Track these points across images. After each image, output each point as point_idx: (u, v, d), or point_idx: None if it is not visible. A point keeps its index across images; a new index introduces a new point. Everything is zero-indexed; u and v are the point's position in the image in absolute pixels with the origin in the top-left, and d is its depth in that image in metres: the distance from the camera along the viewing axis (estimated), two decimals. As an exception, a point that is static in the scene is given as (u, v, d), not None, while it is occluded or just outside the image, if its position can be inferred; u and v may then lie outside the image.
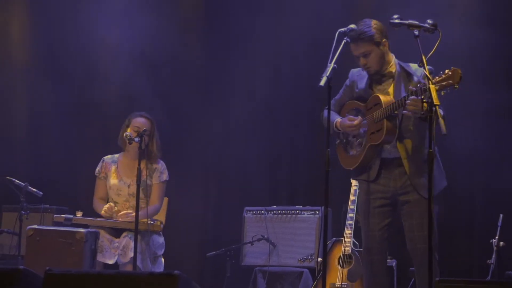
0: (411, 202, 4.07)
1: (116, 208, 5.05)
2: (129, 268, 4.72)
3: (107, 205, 5.00)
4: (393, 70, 4.15)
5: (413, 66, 4.06)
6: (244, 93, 6.61)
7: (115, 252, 4.81)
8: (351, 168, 4.36)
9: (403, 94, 3.96)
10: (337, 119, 4.29)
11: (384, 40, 4.10)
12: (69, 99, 6.84)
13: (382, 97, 4.05)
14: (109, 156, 5.26)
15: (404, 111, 3.91)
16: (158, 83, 6.75)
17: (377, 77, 4.18)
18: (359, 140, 4.20)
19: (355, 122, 4.17)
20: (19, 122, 6.98)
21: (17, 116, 6.97)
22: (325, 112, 4.35)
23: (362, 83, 4.23)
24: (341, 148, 4.33)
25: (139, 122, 5.08)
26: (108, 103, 6.76)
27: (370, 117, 4.12)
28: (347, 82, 4.34)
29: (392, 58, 4.18)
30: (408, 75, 4.07)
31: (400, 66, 4.13)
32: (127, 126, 5.10)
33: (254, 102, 6.60)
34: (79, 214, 4.98)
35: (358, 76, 4.27)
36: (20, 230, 5.46)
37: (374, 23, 4.11)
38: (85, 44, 6.79)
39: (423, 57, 3.69)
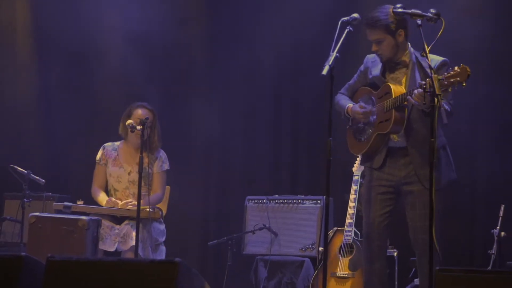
0: (414, 193, 4.08)
1: (114, 199, 5.04)
2: (130, 256, 4.73)
3: (112, 201, 5.00)
4: (407, 60, 4.12)
5: (430, 57, 4.00)
6: (246, 82, 6.60)
7: (115, 240, 4.83)
8: (358, 154, 4.38)
9: (417, 84, 3.94)
10: (348, 104, 4.29)
11: (400, 30, 4.06)
12: (70, 87, 6.84)
13: (393, 87, 4.05)
14: (109, 143, 5.26)
15: (410, 98, 3.90)
16: (159, 71, 6.75)
17: (391, 65, 4.17)
18: (368, 127, 4.21)
19: (362, 110, 4.17)
20: (21, 111, 6.97)
21: (19, 104, 6.97)
22: (337, 97, 4.36)
23: (376, 70, 4.22)
24: (351, 133, 4.34)
25: (141, 113, 5.07)
26: (108, 90, 6.75)
27: (380, 106, 4.12)
28: (361, 67, 4.34)
29: (408, 47, 4.15)
30: (422, 66, 4.05)
31: (416, 57, 4.10)
32: (128, 116, 5.10)
33: (255, 91, 6.59)
34: (80, 203, 4.98)
35: (373, 62, 4.25)
36: (23, 217, 5.48)
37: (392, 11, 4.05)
38: (83, 30, 6.77)
39: (426, 47, 3.69)
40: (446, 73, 3.67)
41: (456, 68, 3.67)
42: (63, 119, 6.85)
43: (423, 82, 3.78)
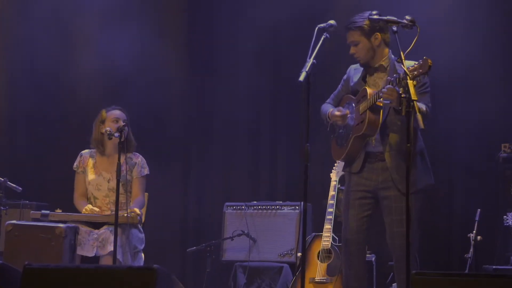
0: (391, 198, 4.11)
1: (95, 208, 5.00)
2: (108, 261, 4.70)
3: (89, 208, 4.96)
4: (386, 65, 4.19)
5: (406, 63, 4.04)
6: (226, 88, 6.61)
7: (93, 244, 4.78)
8: (339, 160, 4.43)
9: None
10: (329, 109, 4.36)
11: (376, 33, 4.13)
12: (48, 94, 6.79)
13: (368, 90, 4.11)
14: (86, 150, 5.23)
15: (379, 99, 3.96)
16: (137, 77, 6.73)
17: (370, 71, 4.24)
18: (348, 132, 4.25)
19: (340, 113, 4.21)
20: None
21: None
22: (322, 106, 4.42)
23: (357, 77, 4.29)
24: (334, 140, 4.40)
25: (116, 113, 5.07)
26: (84, 95, 6.71)
27: (357, 109, 4.17)
28: (344, 77, 4.43)
29: (388, 53, 4.21)
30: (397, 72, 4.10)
31: (393, 62, 4.15)
32: (102, 122, 5.08)
33: (235, 97, 6.60)
34: (58, 211, 4.93)
35: (355, 71, 4.34)
36: (-1, 225, 5.44)
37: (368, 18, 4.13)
38: (59, 45, 6.75)
39: (401, 53, 3.73)
40: (410, 67, 3.72)
41: (420, 61, 3.72)
42: (39, 126, 6.80)
43: (391, 78, 3.85)
